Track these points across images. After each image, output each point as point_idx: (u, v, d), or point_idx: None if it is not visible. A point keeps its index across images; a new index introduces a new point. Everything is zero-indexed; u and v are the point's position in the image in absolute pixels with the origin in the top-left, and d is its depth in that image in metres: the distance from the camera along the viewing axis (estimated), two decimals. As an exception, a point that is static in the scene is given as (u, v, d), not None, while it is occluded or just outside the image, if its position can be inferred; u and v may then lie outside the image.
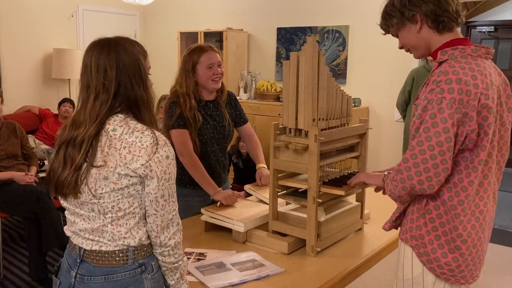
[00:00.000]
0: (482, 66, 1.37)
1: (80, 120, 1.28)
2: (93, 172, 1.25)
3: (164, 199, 1.29)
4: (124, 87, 1.28)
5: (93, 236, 1.30)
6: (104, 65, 1.27)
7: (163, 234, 1.32)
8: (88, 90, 1.29)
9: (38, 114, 4.90)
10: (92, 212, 1.29)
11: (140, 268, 1.31)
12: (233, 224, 1.91)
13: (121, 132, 1.26)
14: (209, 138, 2.31)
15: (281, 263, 1.71)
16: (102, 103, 1.27)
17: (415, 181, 1.36)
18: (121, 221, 1.28)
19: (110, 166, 1.24)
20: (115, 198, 1.26)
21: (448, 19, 1.42)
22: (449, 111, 1.31)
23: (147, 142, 1.25)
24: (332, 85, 1.83)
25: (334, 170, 1.97)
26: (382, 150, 4.99)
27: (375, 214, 2.20)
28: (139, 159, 1.23)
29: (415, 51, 1.52)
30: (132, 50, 1.31)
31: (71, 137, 1.27)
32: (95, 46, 1.31)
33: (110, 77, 1.27)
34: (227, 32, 5.48)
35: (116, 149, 1.24)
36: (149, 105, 1.33)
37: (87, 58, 1.31)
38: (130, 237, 1.29)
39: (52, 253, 3.43)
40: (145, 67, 1.34)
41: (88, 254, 1.31)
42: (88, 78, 1.29)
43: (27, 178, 3.28)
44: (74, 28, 5.67)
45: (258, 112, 5.19)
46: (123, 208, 1.27)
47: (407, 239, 1.50)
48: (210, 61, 2.26)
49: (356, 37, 5.01)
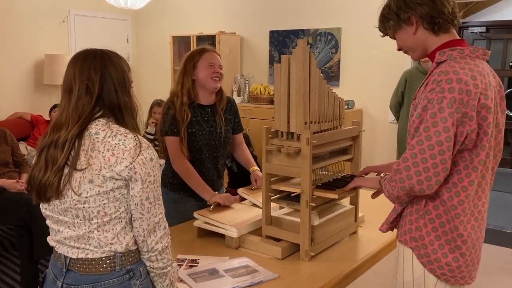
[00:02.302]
0: (480, 67, 1.38)
1: (62, 122, 1.27)
2: (77, 176, 1.23)
3: (149, 201, 1.27)
4: (108, 91, 1.28)
5: (78, 244, 1.28)
6: (88, 69, 1.27)
7: (150, 238, 1.30)
8: (70, 94, 1.28)
9: (30, 120, 4.87)
10: (76, 218, 1.26)
11: (128, 274, 1.29)
12: (226, 230, 1.89)
13: (104, 136, 1.25)
14: (203, 144, 2.27)
15: (275, 269, 1.69)
16: (85, 104, 1.26)
17: (414, 181, 1.35)
18: (107, 227, 1.26)
19: (95, 169, 1.22)
20: (101, 202, 1.24)
21: (443, 21, 1.43)
22: (449, 110, 1.31)
23: (131, 144, 1.24)
24: (324, 88, 1.82)
25: (327, 173, 1.95)
26: (377, 152, 4.99)
27: (370, 217, 2.18)
28: (123, 161, 1.23)
29: (413, 53, 1.53)
30: (118, 61, 1.33)
31: (53, 140, 1.26)
32: (80, 55, 1.32)
33: (93, 80, 1.27)
34: (219, 36, 5.47)
35: (99, 151, 1.23)
36: (131, 112, 1.33)
37: (71, 66, 1.31)
38: (117, 242, 1.27)
39: (44, 261, 3.39)
40: (129, 76, 1.35)
41: (74, 263, 1.28)
42: (71, 82, 1.28)
43: (18, 186, 3.24)
44: (65, 34, 5.64)
45: (251, 115, 5.18)
46: (109, 213, 1.25)
47: (407, 241, 1.49)
48: (212, 60, 2.26)
49: (348, 39, 5.01)
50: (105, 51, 1.33)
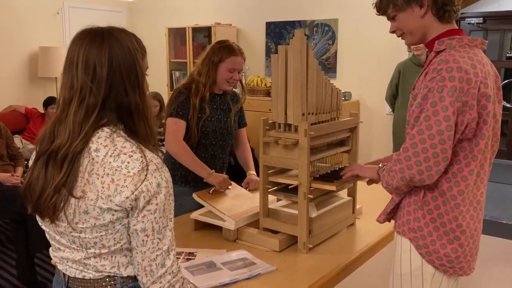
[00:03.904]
0: (479, 56, 1.38)
1: (62, 129, 1.08)
2: (72, 202, 1.07)
3: (145, 233, 1.07)
4: (116, 92, 1.09)
5: (76, 266, 1.16)
6: (93, 63, 1.07)
7: (146, 277, 1.10)
8: (71, 90, 1.09)
9: (25, 113, 4.83)
10: (73, 244, 1.13)
11: None
12: (223, 222, 1.88)
13: (105, 154, 1.06)
14: (211, 130, 2.30)
15: (273, 261, 1.68)
16: (88, 110, 1.07)
17: (414, 171, 1.34)
18: (105, 255, 1.12)
19: (90, 199, 1.05)
20: (98, 234, 1.08)
21: (451, 10, 1.42)
22: (450, 99, 1.29)
23: (135, 168, 1.05)
24: (321, 79, 1.80)
25: (325, 165, 1.94)
26: (373, 144, 4.98)
27: (367, 208, 2.17)
28: (124, 190, 1.04)
29: (410, 37, 1.50)
30: (129, 45, 1.11)
31: (52, 149, 1.08)
32: (85, 36, 1.11)
33: (99, 78, 1.07)
34: (215, 27, 5.43)
35: (98, 176, 1.05)
36: (145, 114, 1.13)
37: (74, 50, 1.10)
38: (116, 272, 1.14)
39: (41, 255, 3.38)
40: (142, 68, 1.13)
41: (73, 281, 1.18)
42: (72, 76, 1.09)
43: (13, 179, 3.21)
44: (59, 26, 5.59)
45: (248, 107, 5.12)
46: (107, 245, 1.10)
47: (405, 232, 1.48)
48: (234, 66, 2.28)
49: (345, 30, 4.98)
50: (113, 33, 1.12)
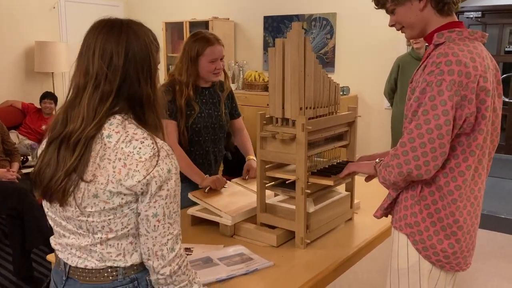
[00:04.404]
0: (479, 49, 1.35)
1: (75, 114, 1.10)
2: (82, 187, 1.08)
3: (156, 219, 1.10)
4: (130, 82, 1.11)
5: (80, 253, 1.16)
6: (110, 51, 1.09)
7: (155, 260, 1.13)
8: (86, 76, 1.10)
9: (21, 108, 4.80)
10: (79, 229, 1.14)
11: (132, 284, 1.16)
12: (220, 218, 1.86)
13: (117, 140, 1.08)
14: (203, 127, 2.26)
15: (270, 257, 1.67)
16: (103, 96, 1.09)
17: (412, 166, 1.32)
18: (112, 242, 1.13)
19: (100, 183, 1.07)
20: (106, 218, 1.10)
21: (451, 2, 1.40)
22: (449, 93, 1.27)
23: (147, 154, 1.07)
24: (319, 73, 1.78)
25: (323, 159, 1.92)
26: (372, 138, 4.97)
27: (365, 203, 2.16)
28: (136, 174, 1.06)
29: (410, 30, 1.47)
30: (145, 38, 1.14)
31: (65, 134, 1.09)
32: (104, 26, 1.13)
33: (115, 67, 1.09)
34: (213, 22, 5.40)
35: (109, 160, 1.07)
36: (155, 105, 1.16)
37: (91, 38, 1.11)
38: (121, 260, 1.14)
39: (38, 251, 3.36)
40: (155, 61, 1.17)
41: (74, 271, 1.17)
42: (88, 61, 1.10)
43: (9, 175, 3.19)
44: (56, 20, 5.55)
45: (246, 102, 5.13)
46: (115, 230, 1.11)
47: (402, 227, 1.46)
48: (214, 56, 2.20)
49: (343, 24, 4.96)
50: (131, 25, 1.14)
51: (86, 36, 1.14)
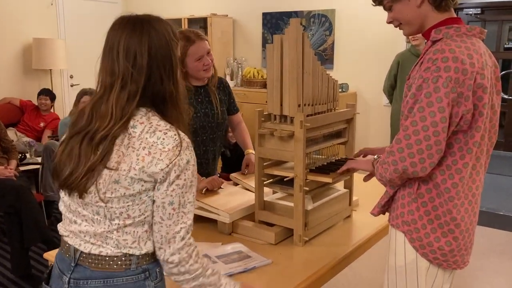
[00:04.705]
0: (477, 46, 1.34)
1: (102, 111, 1.12)
2: (105, 174, 1.11)
3: (172, 207, 1.13)
4: (154, 80, 1.14)
5: (94, 240, 1.16)
6: (134, 51, 1.12)
7: (167, 248, 1.16)
8: (113, 75, 1.13)
9: (19, 106, 4.79)
10: (97, 215, 1.15)
11: (144, 274, 1.18)
12: (218, 215, 1.86)
13: (141, 130, 1.12)
14: (199, 127, 2.23)
15: (268, 254, 1.67)
16: (130, 96, 1.12)
17: (407, 163, 1.31)
18: (129, 229, 1.15)
19: (123, 169, 1.10)
20: (125, 204, 1.12)
21: None
22: (445, 90, 1.26)
23: (169, 145, 1.11)
24: (318, 69, 1.77)
25: (321, 157, 1.91)
26: (371, 135, 4.97)
27: (364, 200, 2.16)
28: (159, 163, 1.09)
29: (408, 27, 1.46)
30: (165, 35, 1.16)
31: (90, 129, 1.12)
32: (126, 23, 1.14)
33: (140, 66, 1.12)
34: (211, 18, 5.38)
35: (134, 149, 1.10)
36: (177, 101, 1.19)
37: (115, 37, 1.14)
38: (136, 248, 1.16)
39: (36, 248, 3.36)
40: (176, 57, 1.19)
41: (85, 258, 1.17)
42: (113, 62, 1.13)
43: (7, 172, 3.18)
44: (54, 17, 5.52)
45: (245, 99, 5.12)
46: (133, 216, 1.14)
47: (399, 225, 1.46)
48: (199, 54, 2.13)
49: (342, 21, 4.94)
50: (152, 22, 1.15)
51: (108, 34, 1.16)
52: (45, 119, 4.70)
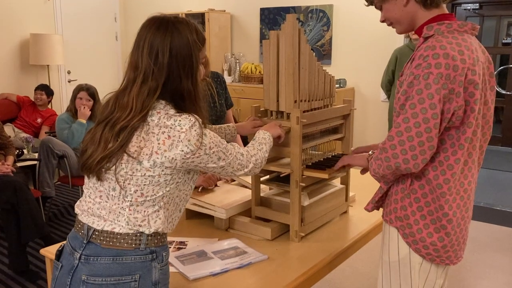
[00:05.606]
0: (468, 42, 1.33)
1: (124, 102, 1.21)
2: (125, 158, 1.19)
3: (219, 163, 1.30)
4: (173, 78, 1.22)
5: (107, 216, 1.24)
6: (156, 49, 1.21)
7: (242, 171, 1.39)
8: (136, 70, 1.23)
9: (17, 101, 4.78)
10: (112, 191, 1.23)
11: (151, 255, 1.25)
12: (215, 211, 1.86)
13: (159, 117, 1.20)
14: None
15: (265, 250, 1.67)
16: (150, 90, 1.20)
17: (400, 160, 1.31)
18: (140, 208, 1.22)
19: (146, 153, 1.18)
20: (141, 183, 1.20)
21: None
22: (436, 86, 1.26)
23: (186, 125, 1.19)
24: (314, 65, 1.77)
25: (318, 152, 1.92)
26: (368, 131, 4.97)
27: (361, 196, 2.16)
28: (179, 144, 1.18)
29: (398, 26, 1.47)
30: (188, 37, 1.24)
31: (111, 118, 1.21)
32: (153, 23, 1.25)
33: (161, 64, 1.21)
34: (209, 14, 5.36)
35: (154, 134, 1.19)
36: (195, 99, 1.27)
37: (142, 35, 1.24)
38: (146, 226, 1.23)
39: (33, 244, 3.36)
40: (197, 58, 1.27)
41: (97, 235, 1.23)
42: (138, 57, 1.23)
43: (4, 168, 3.17)
44: (51, 12, 5.50)
45: (242, 95, 5.12)
46: (145, 195, 1.22)
47: (392, 220, 1.46)
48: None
49: (340, 16, 4.93)
50: (176, 24, 1.24)
51: (138, 32, 1.26)
52: (42, 115, 4.69)
